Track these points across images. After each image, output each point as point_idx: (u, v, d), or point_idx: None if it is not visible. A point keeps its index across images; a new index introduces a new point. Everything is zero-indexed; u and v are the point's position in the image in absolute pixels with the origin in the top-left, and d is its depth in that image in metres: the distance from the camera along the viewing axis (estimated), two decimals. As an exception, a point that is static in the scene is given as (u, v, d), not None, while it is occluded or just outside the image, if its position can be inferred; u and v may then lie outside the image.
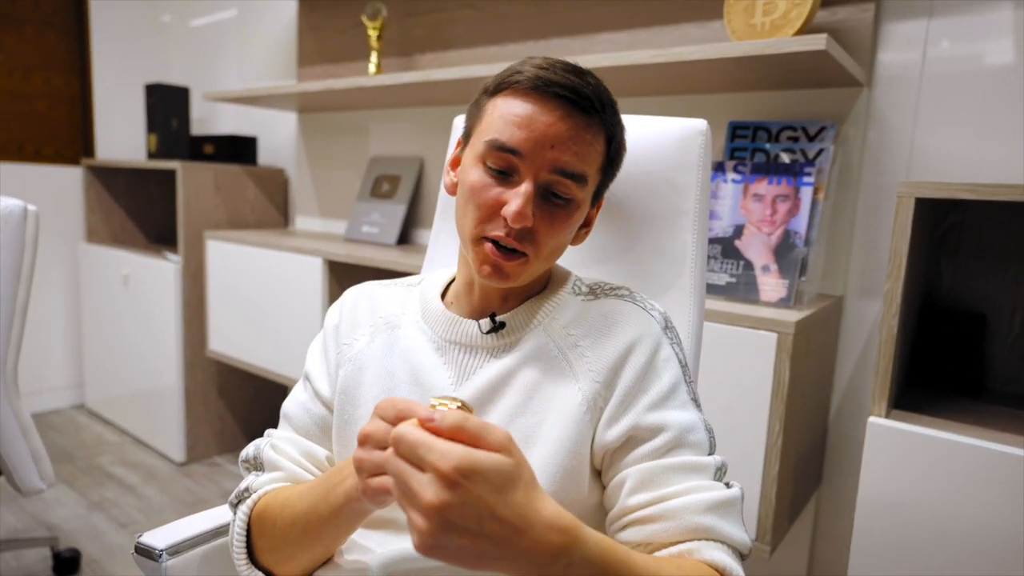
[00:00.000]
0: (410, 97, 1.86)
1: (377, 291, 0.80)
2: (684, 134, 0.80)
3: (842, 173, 1.33)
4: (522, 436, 0.65)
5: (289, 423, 0.76)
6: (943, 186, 0.94)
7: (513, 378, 0.67)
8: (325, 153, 2.32)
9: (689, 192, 0.80)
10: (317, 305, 1.81)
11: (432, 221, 2.02)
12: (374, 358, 0.73)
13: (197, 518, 0.77)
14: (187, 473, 2.28)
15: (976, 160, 1.21)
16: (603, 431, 0.64)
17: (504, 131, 0.63)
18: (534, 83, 0.62)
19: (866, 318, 1.34)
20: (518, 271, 0.65)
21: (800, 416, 1.19)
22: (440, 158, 1.99)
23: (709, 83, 1.39)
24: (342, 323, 0.77)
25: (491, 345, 0.69)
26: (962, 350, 1.18)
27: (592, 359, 0.66)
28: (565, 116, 0.62)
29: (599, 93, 0.64)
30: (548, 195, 0.64)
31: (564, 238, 0.67)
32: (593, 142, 0.64)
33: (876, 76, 1.29)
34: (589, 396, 0.65)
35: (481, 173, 0.65)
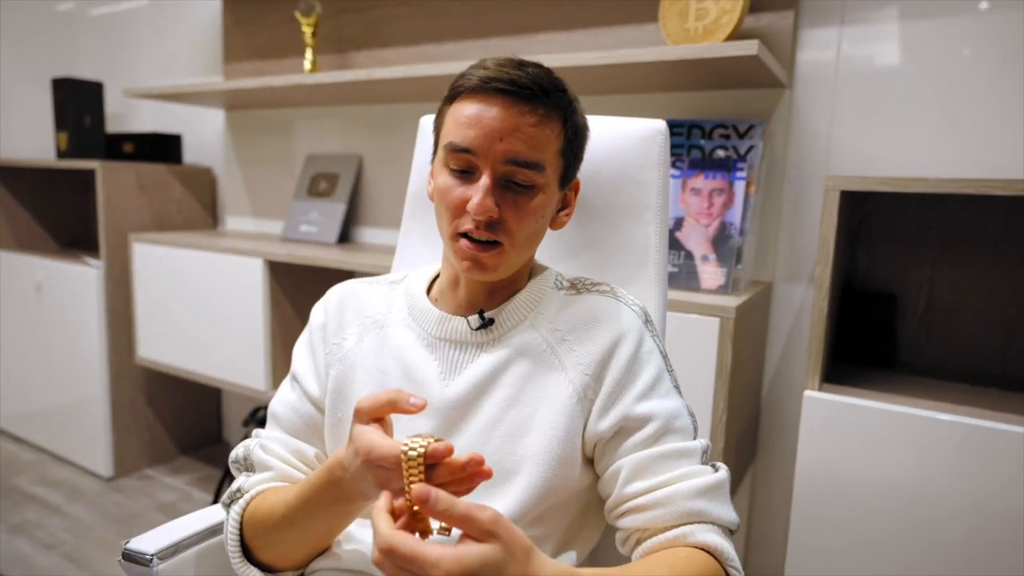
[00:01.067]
0: (348, 95, 1.84)
1: (361, 289, 0.81)
2: (645, 134, 0.85)
3: (769, 168, 1.44)
4: (515, 426, 0.68)
5: (277, 423, 0.76)
6: (863, 179, 1.04)
7: (504, 372, 0.70)
8: (256, 151, 2.26)
9: (651, 188, 0.84)
10: (258, 306, 1.77)
11: (375, 219, 2.01)
12: (364, 357, 0.74)
13: (185, 520, 0.76)
14: (117, 488, 2.17)
15: (884, 154, 1.33)
16: (595, 422, 0.68)
17: (457, 133, 0.67)
18: (478, 84, 0.66)
19: (792, 301, 1.45)
20: (496, 262, 0.68)
21: (740, 395, 1.28)
22: (379, 155, 1.99)
23: (647, 83, 1.45)
24: (329, 322, 0.78)
25: (480, 340, 0.72)
26: (876, 327, 1.31)
27: (580, 353, 0.70)
28: (508, 107, 0.65)
29: (538, 81, 0.66)
30: (510, 184, 0.67)
31: (536, 224, 0.69)
32: (542, 128, 0.66)
33: (796, 77, 1.40)
34: (579, 388, 0.68)
35: (447, 176, 0.69)
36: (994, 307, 1.24)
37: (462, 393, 0.70)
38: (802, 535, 1.11)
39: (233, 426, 2.49)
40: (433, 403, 0.70)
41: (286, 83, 1.71)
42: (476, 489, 0.67)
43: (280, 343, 1.82)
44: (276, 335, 1.80)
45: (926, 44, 1.28)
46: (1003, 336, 1.24)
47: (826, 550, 1.09)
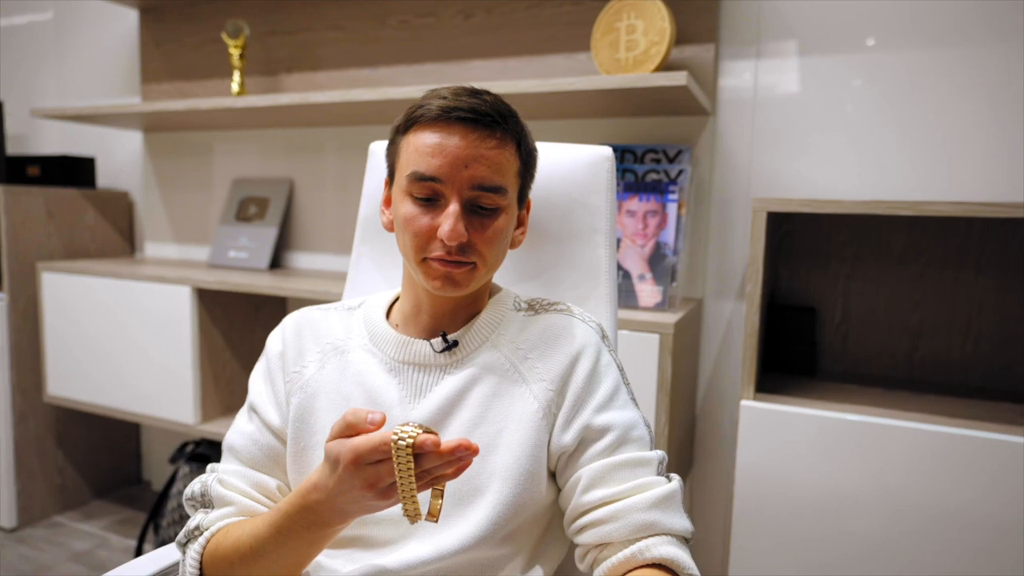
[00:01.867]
0: (278, 118, 1.81)
1: (318, 316, 0.80)
2: (593, 160, 0.89)
3: (696, 190, 1.52)
4: (483, 444, 0.69)
5: (235, 456, 0.74)
6: (787, 201, 1.12)
7: (468, 392, 0.71)
8: (177, 175, 2.17)
9: (600, 211, 0.88)
10: (186, 336, 1.69)
11: (307, 244, 1.97)
12: (326, 383, 0.74)
13: (137, 563, 0.72)
14: (21, 539, 2.00)
15: (798, 176, 1.44)
16: (559, 435, 0.70)
17: (421, 162, 0.68)
18: (438, 114, 0.67)
19: (721, 316, 1.53)
20: (468, 278, 0.70)
21: (678, 407, 1.33)
22: (311, 179, 1.96)
23: (580, 109, 1.51)
24: (287, 351, 0.77)
25: (443, 363, 0.73)
26: (799, 339, 1.40)
27: (542, 369, 0.72)
28: (470, 134, 0.67)
29: (497, 107, 0.69)
30: (475, 208, 0.69)
31: (502, 244, 0.72)
32: (502, 151, 0.69)
33: (719, 105, 1.49)
34: (544, 403, 0.70)
35: (410, 205, 0.69)
36: (900, 317, 1.36)
37: (428, 415, 0.70)
38: (743, 538, 1.17)
39: (154, 464, 2.35)
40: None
41: (215, 106, 1.66)
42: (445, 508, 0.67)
43: (210, 374, 1.74)
44: (205, 366, 1.73)
45: (827, 75, 1.40)
46: (909, 343, 1.35)
47: (766, 550, 1.15)
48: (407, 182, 0.69)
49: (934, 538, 1.05)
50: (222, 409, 1.79)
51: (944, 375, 1.33)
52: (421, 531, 0.68)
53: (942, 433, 1.04)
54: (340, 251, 1.94)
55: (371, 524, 0.69)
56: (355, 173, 1.89)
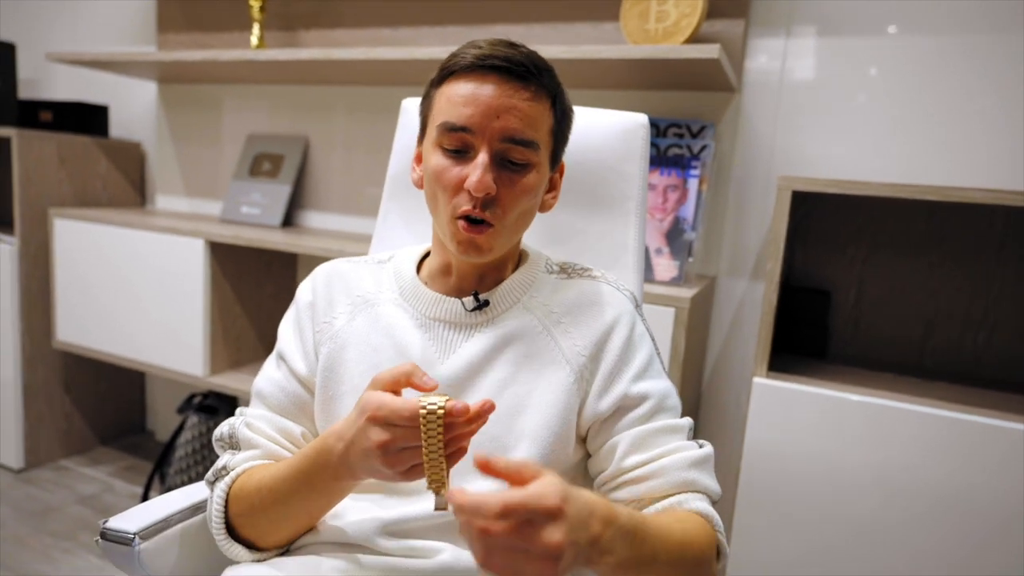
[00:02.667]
0: (295, 74, 1.79)
1: (348, 268, 0.80)
2: (628, 127, 0.89)
3: (717, 167, 1.51)
4: (512, 404, 0.69)
5: (263, 401, 0.75)
6: (812, 181, 1.11)
7: (499, 352, 0.71)
8: (190, 127, 2.15)
9: (633, 179, 0.88)
10: (198, 288, 1.69)
11: (320, 203, 1.96)
12: (356, 335, 0.74)
13: (167, 498, 0.74)
14: (28, 480, 2.02)
15: (821, 158, 1.43)
16: (594, 402, 0.70)
17: (452, 112, 0.66)
18: (472, 62, 0.66)
19: (734, 295, 1.53)
20: (489, 242, 0.68)
21: (688, 382, 1.34)
22: (327, 138, 1.94)
23: (603, 80, 1.49)
24: (317, 301, 0.77)
25: (474, 322, 0.73)
26: (812, 321, 1.40)
27: (576, 335, 0.72)
28: (504, 84, 0.66)
29: (532, 59, 0.67)
30: (505, 162, 0.67)
31: (529, 202, 0.70)
32: (536, 105, 0.67)
33: (744, 83, 1.47)
34: (576, 368, 0.70)
35: (440, 157, 0.68)
36: (915, 304, 1.36)
37: (458, 372, 0.70)
38: (746, 514, 1.18)
39: (159, 414, 2.37)
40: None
41: (235, 58, 1.64)
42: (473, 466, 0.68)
43: (219, 327, 1.74)
44: (215, 319, 1.73)
45: (855, 59, 1.38)
46: (922, 330, 1.36)
47: (769, 526, 1.17)
48: (437, 133, 0.68)
49: (939, 521, 1.06)
50: (230, 363, 1.79)
51: (956, 364, 1.33)
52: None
53: (950, 418, 1.05)
54: (352, 211, 1.93)
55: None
56: (371, 134, 1.88)
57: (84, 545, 1.71)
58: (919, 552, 1.07)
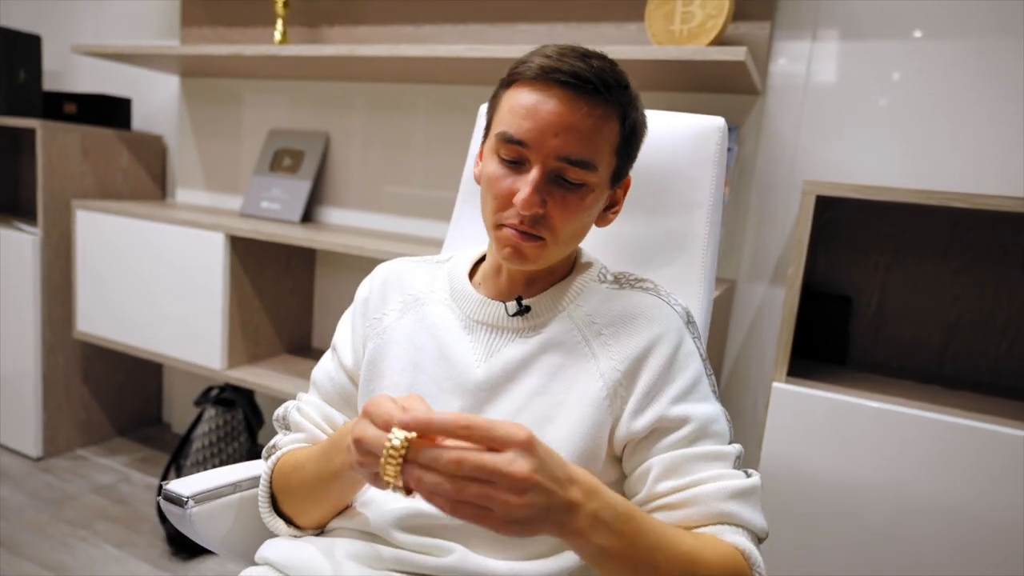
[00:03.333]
0: (317, 70, 1.80)
1: (407, 267, 0.82)
2: (702, 130, 0.86)
3: (740, 171, 1.50)
4: (540, 415, 0.68)
5: (316, 388, 0.81)
6: (837, 186, 1.11)
7: (536, 360, 0.70)
8: (212, 122, 2.17)
9: (704, 186, 0.85)
10: (218, 282, 1.71)
11: (340, 199, 1.97)
12: (402, 333, 0.76)
13: (222, 471, 0.81)
14: (46, 468, 2.05)
15: (845, 162, 1.42)
16: (628, 421, 0.67)
17: (512, 124, 0.66)
18: (537, 73, 0.64)
19: (753, 299, 1.53)
20: (537, 254, 0.68)
21: (705, 385, 1.34)
22: (348, 135, 1.95)
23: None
24: (372, 298, 0.81)
25: (517, 327, 0.72)
26: (832, 327, 1.39)
27: (615, 348, 0.69)
28: (568, 102, 0.64)
29: (603, 75, 0.64)
30: (559, 180, 0.66)
31: (581, 222, 0.69)
32: (601, 126, 0.65)
33: (768, 86, 1.47)
34: (610, 384, 0.67)
35: (496, 164, 0.68)
36: (937, 311, 1.35)
37: (492, 376, 0.70)
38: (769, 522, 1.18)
39: (176, 406, 2.39)
40: (464, 383, 0.71)
41: (259, 53, 1.65)
42: None
43: (238, 321, 1.76)
44: (234, 313, 1.74)
45: (882, 64, 1.37)
46: (943, 338, 1.34)
47: (789, 532, 1.16)
48: (496, 141, 0.68)
49: (959, 532, 1.06)
50: (247, 357, 1.81)
51: (977, 373, 1.32)
52: None
53: (970, 427, 1.04)
54: (372, 208, 1.94)
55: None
56: (392, 131, 1.89)
57: (100, 533, 1.73)
58: (938, 563, 1.07)
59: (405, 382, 0.73)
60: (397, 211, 1.90)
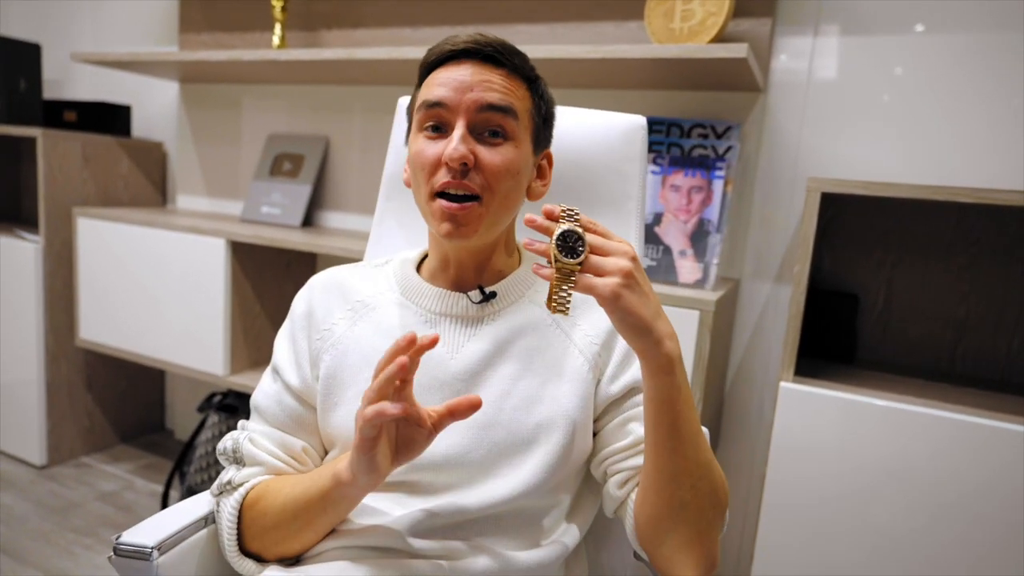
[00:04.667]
0: (316, 74, 1.80)
1: (345, 275, 0.81)
2: (628, 128, 0.93)
3: (742, 168, 1.49)
4: (527, 397, 0.70)
5: (261, 416, 0.76)
6: (842, 182, 1.10)
7: (510, 345, 0.72)
8: (211, 127, 2.17)
9: (633, 179, 0.92)
10: (219, 288, 1.71)
11: (341, 203, 1.97)
12: (359, 340, 0.74)
13: (173, 511, 0.74)
14: (50, 476, 2.05)
15: (849, 159, 1.41)
16: (607, 385, 0.72)
17: (431, 92, 0.69)
18: (446, 51, 0.70)
19: (758, 298, 1.52)
20: (475, 219, 0.69)
21: (711, 387, 1.33)
22: (348, 138, 1.95)
23: (626, 79, 1.48)
24: (315, 310, 0.78)
25: (482, 315, 0.74)
26: (839, 325, 1.38)
27: (586, 326, 0.74)
28: (475, 64, 0.69)
29: (505, 45, 0.70)
30: (483, 134, 0.69)
31: (512, 180, 0.70)
32: (510, 83, 0.70)
33: (770, 83, 1.46)
34: (590, 357, 0.73)
35: (421, 140, 0.71)
36: (945, 308, 1.34)
37: (469, 366, 0.71)
38: (774, 521, 1.17)
39: (178, 414, 2.40)
40: (441, 377, 0.71)
41: (258, 58, 1.65)
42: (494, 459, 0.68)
43: (240, 327, 1.76)
44: (236, 318, 1.74)
45: (884, 59, 1.36)
46: (952, 336, 1.33)
47: (795, 531, 1.15)
48: (417, 115, 0.71)
49: (969, 529, 1.04)
50: (250, 362, 1.81)
51: (987, 370, 1.31)
52: (469, 480, 0.69)
53: (980, 424, 1.03)
54: (371, 212, 1.93)
55: (420, 470, 0.69)
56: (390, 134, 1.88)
57: (105, 541, 1.73)
58: (947, 560, 1.06)
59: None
60: (398, 214, 1.90)
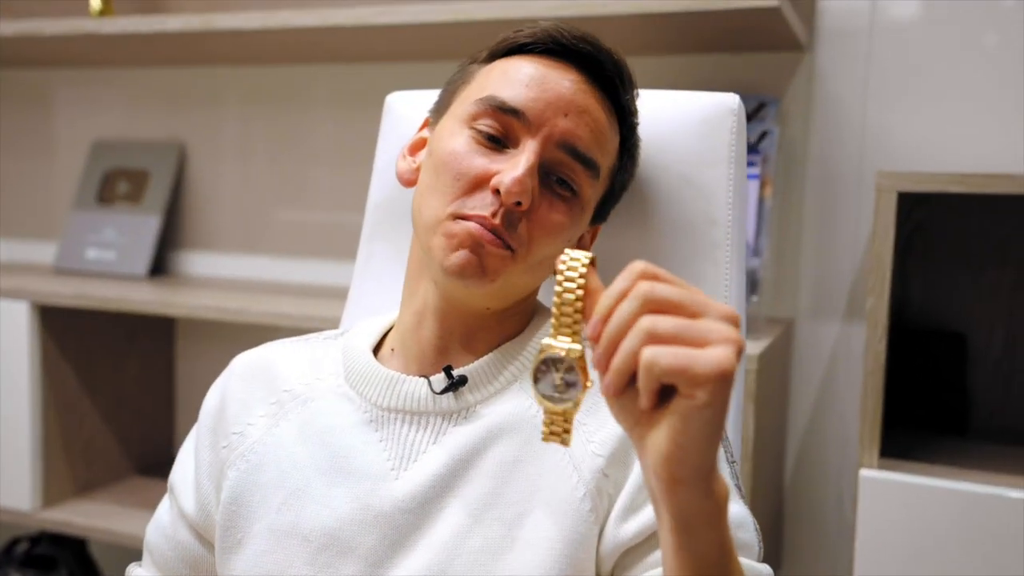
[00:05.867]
0: (160, 51, 1.81)
1: (281, 353, 0.84)
2: (710, 112, 0.90)
3: (786, 161, 1.53)
4: (488, 542, 0.68)
5: (151, 556, 0.80)
6: (928, 176, 1.13)
7: (479, 457, 0.71)
8: (7, 134, 2.16)
9: (718, 194, 0.88)
10: (22, 377, 1.66)
11: (206, 239, 1.97)
12: (277, 449, 0.76)
13: None
14: None
15: (937, 140, 1.45)
16: (616, 525, 0.68)
17: (505, 88, 0.72)
18: (548, 42, 0.74)
19: (821, 346, 1.54)
20: (499, 265, 0.70)
21: (762, 479, 1.33)
22: (212, 144, 1.95)
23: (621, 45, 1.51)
24: (228, 405, 0.80)
25: (446, 410, 0.74)
26: (940, 378, 1.40)
27: (593, 427, 0.71)
28: (584, 83, 0.73)
29: (625, 68, 0.76)
30: (551, 179, 0.73)
31: (558, 246, 0.73)
32: (610, 127, 0.75)
33: (818, 35, 1.50)
34: (589, 479, 0.69)
35: (467, 139, 0.73)
36: (1087, 346, 1.37)
37: (419, 490, 0.70)
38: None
39: (-34, 570, 2.31)
40: (377, 507, 0.71)
41: (68, 31, 1.65)
42: None
43: (57, 432, 1.72)
44: (51, 422, 1.70)
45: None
46: (1101, 385, 1.37)
47: None
48: (476, 107, 0.73)
49: None
50: (76, 486, 1.77)
51: None
52: None
53: None
54: (257, 249, 1.93)
55: None
56: (281, 133, 1.89)
57: None
58: None
59: (286, 524, 0.72)
60: (294, 250, 1.89)
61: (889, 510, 1.14)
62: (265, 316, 1.48)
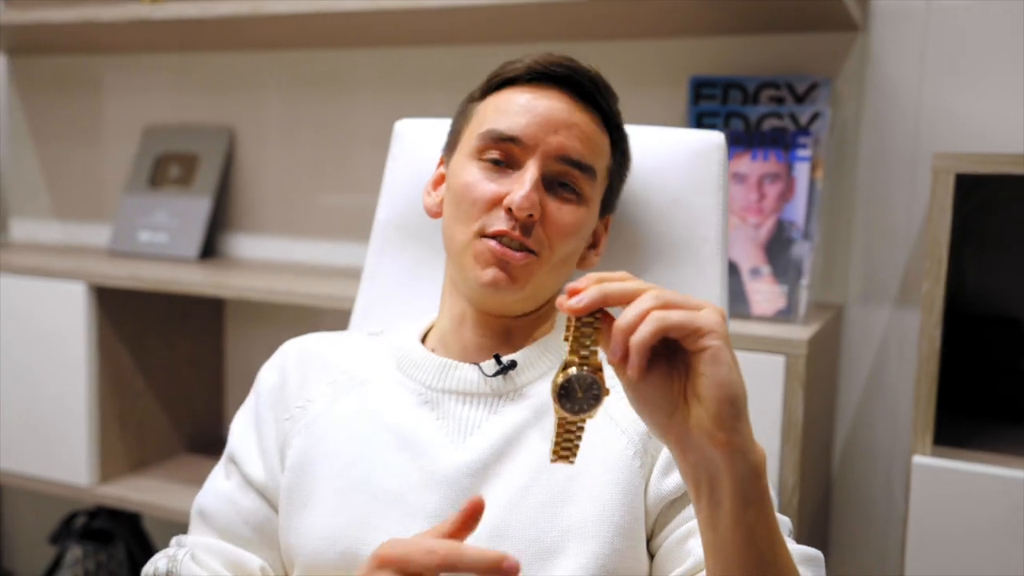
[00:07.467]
0: (210, 38, 1.82)
1: (329, 341, 0.92)
2: (698, 149, 1.01)
3: (839, 143, 1.51)
4: (553, 495, 0.75)
5: (208, 523, 0.83)
6: (987, 158, 1.12)
7: (531, 428, 0.79)
8: (60, 119, 2.19)
9: (709, 216, 0.99)
10: (79, 357, 1.70)
11: (257, 222, 1.99)
12: (339, 423, 0.83)
13: None
14: None
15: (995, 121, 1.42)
16: (659, 480, 0.76)
17: (500, 120, 0.82)
18: (530, 72, 0.84)
19: (872, 332, 1.52)
20: (526, 272, 0.80)
21: (810, 464, 1.32)
22: (260, 129, 1.97)
23: (661, 25, 1.51)
24: (288, 383, 0.87)
25: (497, 391, 0.82)
26: (995, 364, 1.38)
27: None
28: (567, 100, 0.83)
29: (599, 80, 0.85)
30: (553, 187, 0.82)
31: (575, 244, 0.84)
32: (598, 134, 0.85)
33: (873, 14, 1.48)
34: (637, 440, 0.78)
35: (475, 170, 0.83)
36: None
37: (479, 456, 0.77)
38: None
39: (21, 547, 2.38)
40: (439, 472, 0.77)
41: (120, 18, 1.68)
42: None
43: (113, 411, 1.75)
44: (106, 400, 1.74)
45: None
46: None
47: None
48: (478, 141, 0.83)
49: None
50: (130, 463, 1.80)
51: None
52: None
53: None
54: (303, 232, 1.95)
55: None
56: (326, 118, 1.90)
57: None
58: None
59: (352, 482, 0.78)
60: (338, 233, 1.91)
61: (942, 498, 1.13)
62: (312, 298, 1.50)
